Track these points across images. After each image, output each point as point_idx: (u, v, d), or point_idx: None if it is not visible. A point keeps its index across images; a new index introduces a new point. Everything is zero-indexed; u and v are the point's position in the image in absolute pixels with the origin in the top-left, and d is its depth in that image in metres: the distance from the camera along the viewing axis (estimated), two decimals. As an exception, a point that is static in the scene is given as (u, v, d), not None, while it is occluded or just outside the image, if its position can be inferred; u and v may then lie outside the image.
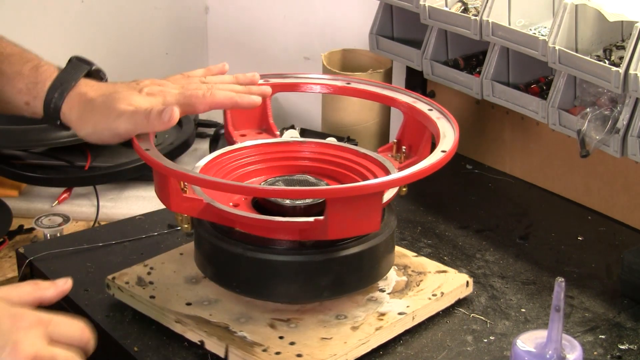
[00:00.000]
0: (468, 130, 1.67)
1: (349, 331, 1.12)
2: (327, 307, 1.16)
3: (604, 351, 1.16)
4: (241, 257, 1.11)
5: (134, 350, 1.13)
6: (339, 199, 1.04)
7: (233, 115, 1.30)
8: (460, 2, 1.54)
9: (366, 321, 1.14)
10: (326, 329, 1.12)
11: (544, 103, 1.41)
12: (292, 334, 1.12)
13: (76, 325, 0.94)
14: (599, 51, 1.38)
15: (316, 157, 1.26)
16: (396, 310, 1.16)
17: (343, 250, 1.11)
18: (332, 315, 1.15)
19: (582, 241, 1.42)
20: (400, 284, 1.21)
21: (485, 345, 1.16)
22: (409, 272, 1.24)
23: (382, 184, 1.09)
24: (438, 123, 1.19)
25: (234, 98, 1.17)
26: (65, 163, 1.75)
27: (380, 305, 1.17)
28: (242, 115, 1.30)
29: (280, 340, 1.10)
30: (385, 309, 1.16)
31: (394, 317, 1.15)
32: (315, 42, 2.13)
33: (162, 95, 1.16)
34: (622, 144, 1.32)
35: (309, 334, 1.12)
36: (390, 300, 1.18)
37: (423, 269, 1.24)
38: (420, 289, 1.20)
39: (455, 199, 1.54)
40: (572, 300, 1.26)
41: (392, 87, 1.32)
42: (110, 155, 1.79)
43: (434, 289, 1.20)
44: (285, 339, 1.11)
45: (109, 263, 1.32)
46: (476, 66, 1.56)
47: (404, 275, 1.23)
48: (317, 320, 1.14)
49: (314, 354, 1.08)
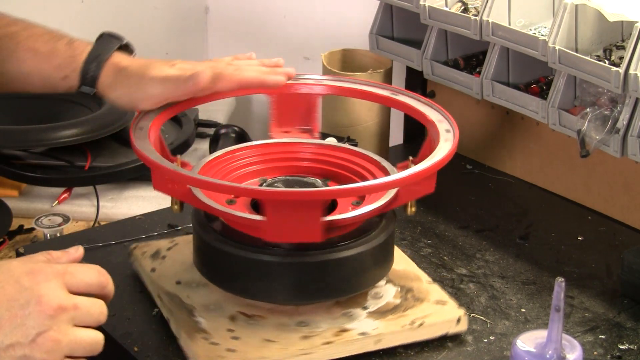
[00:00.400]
0: (468, 130, 1.67)
1: (297, 339, 1.10)
2: (297, 312, 1.14)
3: (604, 351, 1.16)
4: (218, 250, 1.12)
5: (134, 350, 1.13)
6: (277, 202, 1.05)
7: (279, 111, 1.30)
8: (460, 2, 1.54)
9: (322, 334, 1.11)
10: (277, 332, 1.11)
11: (544, 103, 1.41)
12: (244, 329, 1.11)
13: (92, 271, 0.97)
14: (599, 51, 1.38)
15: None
16: (360, 330, 1.11)
17: (308, 256, 1.10)
18: (295, 321, 1.13)
19: (582, 241, 1.42)
20: (389, 306, 1.16)
21: (485, 345, 1.16)
22: (408, 296, 1.18)
23: (320, 193, 1.09)
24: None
25: (261, 77, 1.22)
26: (65, 163, 1.75)
27: (349, 322, 1.13)
28: (288, 112, 1.30)
29: (228, 332, 1.11)
30: (351, 326, 1.12)
31: (351, 336, 1.10)
32: (315, 42, 2.13)
33: (192, 68, 1.20)
34: (622, 144, 1.32)
35: (258, 333, 1.11)
36: (364, 319, 1.13)
37: (424, 296, 1.18)
38: (403, 314, 1.14)
39: (455, 199, 1.54)
40: (572, 300, 1.26)
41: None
42: (110, 155, 1.79)
43: (417, 317, 1.13)
44: (233, 333, 1.11)
45: (109, 263, 1.32)
46: (476, 66, 1.56)
47: (400, 299, 1.17)
48: (278, 322, 1.13)
49: (245, 351, 1.08)
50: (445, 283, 1.29)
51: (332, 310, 1.15)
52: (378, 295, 1.17)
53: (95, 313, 0.94)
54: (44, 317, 0.90)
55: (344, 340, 1.10)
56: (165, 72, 1.19)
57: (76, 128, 1.77)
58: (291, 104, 1.29)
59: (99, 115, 1.82)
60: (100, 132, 1.78)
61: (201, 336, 1.10)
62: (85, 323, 0.93)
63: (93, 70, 1.21)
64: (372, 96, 1.30)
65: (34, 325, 0.90)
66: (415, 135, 1.76)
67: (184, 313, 1.15)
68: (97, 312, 0.94)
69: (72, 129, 1.76)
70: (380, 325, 1.12)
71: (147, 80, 1.19)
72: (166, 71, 1.20)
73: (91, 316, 0.94)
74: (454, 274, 1.31)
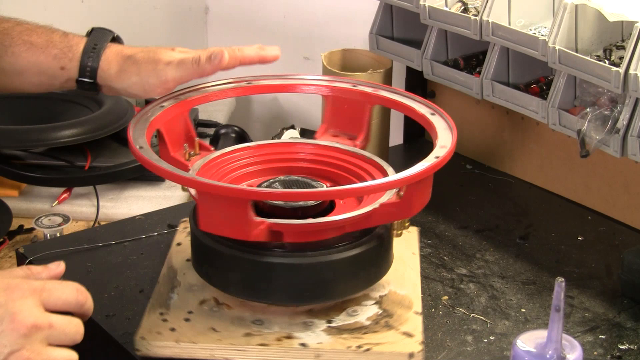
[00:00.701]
0: (468, 130, 1.67)
1: (239, 335, 1.11)
2: (262, 310, 1.15)
3: (604, 351, 1.16)
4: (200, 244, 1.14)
5: (134, 350, 1.13)
6: (207, 194, 1.06)
7: (332, 113, 1.31)
8: (460, 2, 1.54)
9: (266, 335, 1.11)
10: (227, 324, 1.12)
11: (544, 103, 1.41)
12: (201, 314, 1.14)
13: (69, 289, 0.95)
14: (599, 51, 1.38)
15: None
16: (304, 341, 1.10)
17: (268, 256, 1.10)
18: (254, 317, 1.14)
19: (582, 241, 1.42)
20: (355, 325, 1.13)
21: (485, 345, 1.16)
22: (382, 321, 1.14)
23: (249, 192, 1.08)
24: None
25: (259, 52, 1.24)
26: (65, 163, 1.75)
27: (301, 331, 1.12)
28: (342, 116, 1.30)
29: (186, 314, 1.14)
30: (299, 335, 1.11)
31: (290, 345, 1.10)
32: (315, 42, 2.13)
33: (195, 51, 1.21)
34: (622, 144, 1.32)
35: (210, 320, 1.13)
36: (317, 332, 1.12)
37: (396, 325, 1.13)
38: (359, 337, 1.11)
39: (455, 199, 1.54)
40: (572, 300, 1.26)
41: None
42: (110, 155, 1.79)
43: (369, 343, 1.10)
44: (190, 315, 1.14)
45: (109, 263, 1.32)
46: (476, 66, 1.56)
47: (372, 322, 1.14)
48: (237, 315, 1.14)
49: (183, 333, 1.10)
50: (445, 283, 1.29)
51: (296, 316, 1.14)
52: (354, 312, 1.15)
53: (71, 332, 0.93)
54: (17, 336, 0.89)
55: (281, 347, 1.09)
56: (179, 56, 1.19)
57: (76, 128, 1.77)
58: (345, 108, 1.29)
59: (99, 115, 1.82)
60: (100, 132, 1.78)
61: (160, 311, 1.15)
62: (60, 342, 0.92)
63: (93, 60, 1.20)
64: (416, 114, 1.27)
65: (5, 343, 0.88)
66: (415, 135, 1.77)
67: (167, 287, 1.19)
68: (73, 331, 0.93)
69: (72, 129, 1.76)
70: (326, 342, 1.10)
71: (162, 66, 1.18)
72: (177, 55, 1.19)
73: (66, 335, 0.92)
74: (454, 274, 1.31)
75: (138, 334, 1.11)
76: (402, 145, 1.78)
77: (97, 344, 1.21)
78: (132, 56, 1.20)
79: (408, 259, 1.27)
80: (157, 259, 1.31)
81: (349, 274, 1.13)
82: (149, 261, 1.32)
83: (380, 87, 1.30)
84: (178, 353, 1.10)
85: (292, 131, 1.77)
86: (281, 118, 2.28)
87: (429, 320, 1.20)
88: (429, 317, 1.21)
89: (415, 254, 1.30)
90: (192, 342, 1.10)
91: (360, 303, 1.17)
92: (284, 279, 1.11)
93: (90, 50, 1.20)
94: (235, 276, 1.12)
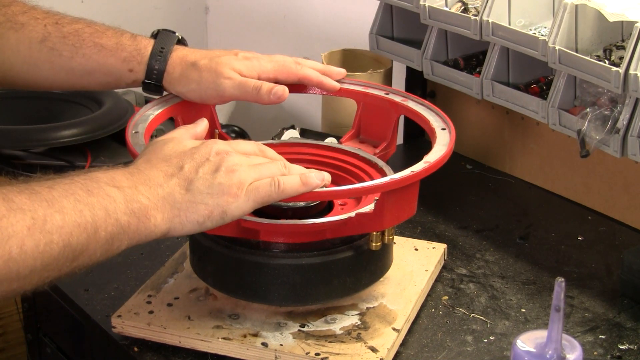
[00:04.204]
0: (468, 130, 1.67)
1: (208, 326, 1.13)
2: (243, 306, 1.16)
3: (604, 351, 1.16)
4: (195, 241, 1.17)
5: (134, 350, 1.13)
6: None
7: (362, 119, 1.31)
8: (460, 2, 1.54)
9: (234, 330, 1.12)
10: (203, 315, 1.15)
11: (544, 103, 1.41)
12: (185, 302, 1.17)
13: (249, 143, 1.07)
14: (599, 51, 1.38)
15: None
16: (267, 340, 1.10)
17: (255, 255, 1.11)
18: (232, 312, 1.15)
19: (582, 241, 1.42)
20: (325, 332, 1.12)
21: (485, 345, 1.16)
22: (354, 334, 1.12)
23: None
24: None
25: (320, 77, 1.27)
26: (65, 163, 1.75)
27: (269, 330, 1.12)
28: (374, 123, 1.30)
29: (171, 299, 1.18)
30: (265, 334, 1.11)
31: (251, 342, 1.10)
32: (315, 42, 2.13)
33: (257, 59, 1.26)
34: (622, 144, 1.32)
35: (191, 309, 1.16)
36: (284, 334, 1.12)
37: (366, 339, 1.11)
38: (322, 345, 1.10)
39: (455, 199, 1.54)
40: (572, 300, 1.26)
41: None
42: (110, 155, 1.79)
43: (329, 353, 1.08)
44: (174, 301, 1.17)
45: (109, 263, 1.31)
46: (476, 66, 1.56)
47: (344, 332, 1.12)
48: (217, 307, 1.16)
49: (160, 317, 1.14)
50: (445, 283, 1.29)
51: (274, 316, 1.15)
52: (332, 320, 1.15)
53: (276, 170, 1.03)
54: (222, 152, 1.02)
55: (242, 343, 1.10)
56: (237, 69, 1.23)
57: (76, 128, 1.77)
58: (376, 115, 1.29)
59: (99, 115, 1.82)
60: (100, 132, 1.78)
61: (149, 293, 1.19)
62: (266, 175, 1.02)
63: (160, 63, 1.24)
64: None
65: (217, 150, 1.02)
66: (414, 135, 1.77)
67: (168, 271, 1.24)
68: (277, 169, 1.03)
69: (72, 129, 1.77)
70: (287, 345, 1.10)
71: (222, 80, 1.22)
72: (236, 66, 1.23)
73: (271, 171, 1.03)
74: (454, 274, 1.31)
75: (117, 312, 1.15)
76: (402, 145, 1.78)
77: (97, 344, 1.22)
78: (196, 63, 1.24)
79: (417, 275, 1.24)
80: (157, 259, 1.31)
81: (319, 280, 1.11)
82: (149, 261, 1.32)
83: (409, 98, 1.28)
84: (149, 335, 1.13)
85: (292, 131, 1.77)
86: (281, 118, 2.28)
87: (429, 320, 1.20)
88: (429, 317, 1.21)
89: (428, 270, 1.26)
90: (162, 327, 1.13)
91: (344, 312, 1.16)
92: (251, 276, 1.11)
93: (157, 54, 1.24)
94: (211, 268, 1.15)
